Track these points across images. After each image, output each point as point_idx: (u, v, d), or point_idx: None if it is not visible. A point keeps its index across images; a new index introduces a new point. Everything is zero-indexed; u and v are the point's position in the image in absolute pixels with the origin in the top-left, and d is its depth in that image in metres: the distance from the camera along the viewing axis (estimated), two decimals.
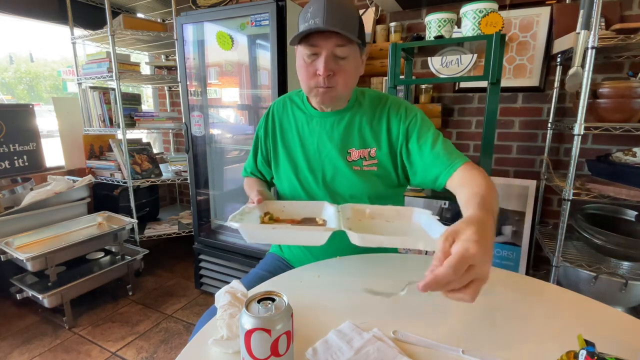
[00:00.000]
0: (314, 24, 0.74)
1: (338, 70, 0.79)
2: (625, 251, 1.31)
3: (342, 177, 0.90)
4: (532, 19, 1.62)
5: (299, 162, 0.93)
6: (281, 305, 0.44)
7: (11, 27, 2.23)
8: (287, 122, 0.96)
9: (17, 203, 1.77)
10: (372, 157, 0.90)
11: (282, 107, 0.98)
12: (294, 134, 0.94)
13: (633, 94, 1.25)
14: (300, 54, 0.82)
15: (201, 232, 1.98)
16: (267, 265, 0.96)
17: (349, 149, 0.90)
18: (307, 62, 0.80)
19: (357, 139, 0.90)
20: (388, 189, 0.92)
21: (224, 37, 1.70)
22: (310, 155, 0.92)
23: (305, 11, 0.78)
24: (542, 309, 0.62)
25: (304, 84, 0.84)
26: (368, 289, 0.68)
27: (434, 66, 1.84)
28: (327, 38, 0.76)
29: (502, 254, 1.80)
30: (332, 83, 0.80)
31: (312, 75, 0.80)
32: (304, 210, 0.84)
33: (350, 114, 0.91)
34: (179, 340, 1.60)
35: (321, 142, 0.91)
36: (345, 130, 0.90)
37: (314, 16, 0.75)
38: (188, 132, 1.88)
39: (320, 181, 0.91)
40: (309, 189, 0.92)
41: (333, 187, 0.91)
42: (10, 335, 1.61)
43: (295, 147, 0.94)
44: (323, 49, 0.77)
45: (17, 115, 1.96)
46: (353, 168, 0.89)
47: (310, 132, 0.93)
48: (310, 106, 0.93)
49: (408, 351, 0.51)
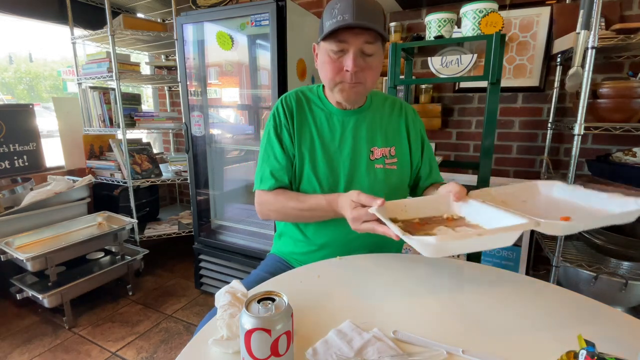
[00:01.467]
0: (342, 20, 0.74)
1: (366, 67, 0.80)
2: (625, 251, 1.31)
3: (364, 175, 0.90)
4: (532, 19, 1.62)
5: (318, 160, 0.90)
6: (281, 305, 0.44)
7: (11, 27, 2.23)
8: (304, 118, 0.92)
9: (17, 203, 1.77)
10: (393, 156, 0.92)
11: (297, 104, 0.93)
12: (313, 131, 0.91)
13: (633, 94, 1.25)
14: (324, 49, 0.81)
15: (201, 232, 1.98)
16: (268, 267, 0.95)
17: (372, 147, 0.91)
18: (333, 58, 0.80)
19: (380, 137, 0.92)
20: (402, 189, 0.96)
21: (224, 37, 1.70)
22: (330, 153, 0.90)
23: (332, 7, 0.77)
24: (542, 309, 0.62)
25: (328, 80, 0.84)
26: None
27: (434, 66, 1.84)
28: (357, 35, 0.77)
29: (502, 254, 1.80)
30: (359, 79, 0.81)
31: (339, 71, 0.80)
32: (425, 207, 0.74)
33: (371, 112, 0.93)
34: (179, 340, 1.60)
35: (344, 140, 0.90)
36: (369, 128, 0.91)
37: (343, 12, 0.75)
38: (188, 132, 1.88)
39: (340, 179, 0.90)
40: (328, 187, 0.90)
41: (353, 185, 0.89)
42: (10, 335, 1.61)
43: (314, 144, 0.91)
44: (352, 45, 0.78)
45: (17, 115, 1.96)
46: (375, 166, 0.90)
47: (330, 130, 0.91)
48: (329, 103, 0.92)
49: (408, 351, 0.51)
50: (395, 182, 0.92)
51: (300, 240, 0.95)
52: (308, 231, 0.93)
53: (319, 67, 0.86)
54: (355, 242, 0.89)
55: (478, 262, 1.31)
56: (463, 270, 0.77)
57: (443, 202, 0.74)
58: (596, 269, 1.36)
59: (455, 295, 0.67)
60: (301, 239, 0.95)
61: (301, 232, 0.94)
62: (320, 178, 0.90)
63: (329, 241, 0.91)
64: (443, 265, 0.79)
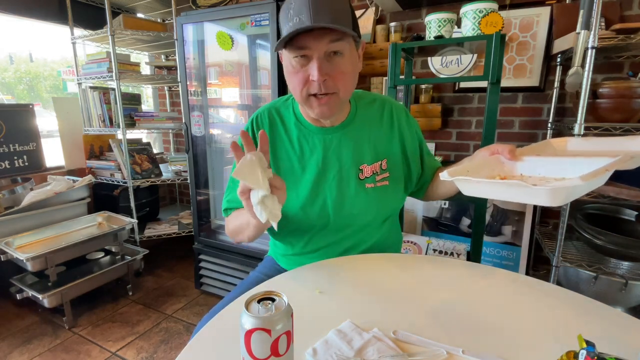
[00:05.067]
0: (299, 21, 0.63)
1: (336, 72, 0.68)
2: (625, 251, 1.31)
3: (353, 198, 0.80)
4: (532, 19, 1.62)
5: (300, 186, 0.80)
6: (281, 305, 0.44)
7: (11, 27, 2.23)
8: (280, 141, 0.81)
9: (17, 203, 1.77)
10: (384, 170, 0.82)
11: (270, 125, 0.83)
12: (291, 155, 0.81)
13: (633, 94, 1.25)
14: (287, 58, 0.70)
15: (201, 232, 1.98)
16: (265, 269, 0.93)
17: (360, 166, 0.80)
18: (296, 68, 0.69)
19: (368, 152, 0.81)
20: (397, 204, 0.88)
21: (224, 37, 1.70)
22: (313, 178, 0.79)
23: (287, 8, 0.66)
24: (542, 309, 0.62)
25: (297, 94, 0.72)
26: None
27: (434, 66, 1.84)
28: (318, 37, 0.65)
29: (502, 254, 1.80)
30: (330, 89, 0.69)
31: (305, 81, 0.69)
32: (478, 174, 0.61)
33: (356, 124, 0.82)
34: (179, 340, 1.60)
35: (327, 161, 0.80)
36: (355, 145, 0.81)
37: (299, 13, 0.63)
38: (188, 132, 1.88)
39: (328, 205, 0.80)
40: (314, 215, 0.80)
41: (342, 211, 0.80)
42: (10, 335, 1.61)
43: (294, 169, 0.80)
44: (314, 50, 0.66)
45: (17, 115, 1.96)
46: (366, 186, 0.80)
47: (310, 151, 0.80)
48: (306, 120, 0.81)
49: (408, 351, 0.51)
50: (389, 198, 0.83)
51: (291, 258, 0.89)
52: (295, 250, 0.87)
53: (286, 78, 0.74)
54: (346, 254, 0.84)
55: (478, 262, 1.32)
56: (463, 270, 0.77)
57: (494, 165, 0.66)
58: (596, 269, 1.36)
59: (455, 295, 0.67)
60: (292, 256, 0.89)
61: (290, 251, 0.88)
62: (305, 206, 0.79)
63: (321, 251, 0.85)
64: (443, 265, 0.79)
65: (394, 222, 0.92)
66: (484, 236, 1.39)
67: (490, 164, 0.67)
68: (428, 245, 1.64)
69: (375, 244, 0.86)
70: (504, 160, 0.66)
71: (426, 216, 1.94)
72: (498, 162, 0.67)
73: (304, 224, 0.81)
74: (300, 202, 0.79)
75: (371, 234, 0.85)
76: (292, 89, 0.73)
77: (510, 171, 0.65)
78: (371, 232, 0.84)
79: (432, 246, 1.63)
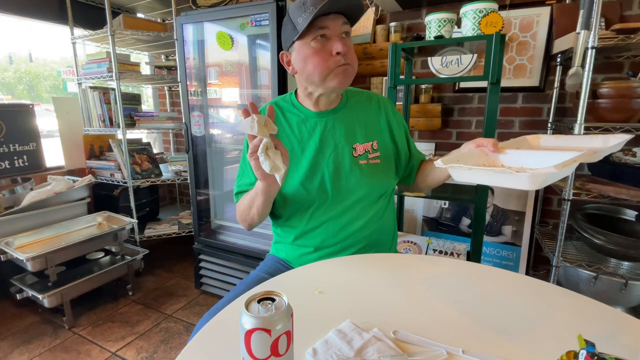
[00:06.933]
0: (322, 7, 0.75)
1: (348, 48, 0.82)
2: (625, 251, 1.31)
3: (349, 173, 0.89)
4: (532, 19, 1.62)
5: (300, 165, 0.89)
6: (281, 305, 0.44)
7: (11, 27, 2.23)
8: (280, 128, 0.92)
9: (17, 203, 1.77)
10: (375, 150, 0.92)
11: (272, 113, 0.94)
12: (291, 138, 0.91)
13: (633, 94, 1.25)
14: (304, 45, 0.81)
15: (201, 232, 1.98)
16: (267, 267, 0.95)
17: (354, 144, 0.91)
18: (317, 48, 0.81)
19: (360, 133, 0.92)
20: (389, 181, 0.95)
21: (224, 37, 1.70)
22: (311, 156, 0.89)
23: (301, 2, 0.79)
24: (542, 309, 0.62)
25: (319, 70, 0.82)
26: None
27: (434, 66, 1.84)
28: (334, 19, 0.79)
29: (502, 253, 1.80)
30: (348, 60, 0.82)
31: (328, 56, 0.81)
32: (466, 163, 0.72)
33: (347, 109, 0.93)
34: (179, 340, 1.60)
35: (324, 141, 0.90)
36: (349, 125, 0.91)
37: (315, 4, 0.76)
38: (188, 132, 1.88)
39: (326, 181, 0.88)
40: (313, 190, 0.89)
41: (339, 185, 0.89)
42: (10, 335, 1.61)
43: (294, 151, 0.90)
44: (333, 29, 0.80)
45: (17, 115, 1.96)
46: (359, 162, 0.90)
47: (309, 133, 0.91)
48: (304, 107, 0.92)
49: (408, 351, 0.51)
50: (381, 175, 0.92)
51: (294, 244, 0.94)
52: (297, 231, 0.93)
53: (302, 65, 0.84)
54: (346, 241, 0.90)
55: (478, 262, 1.32)
56: (463, 270, 0.77)
57: (479, 156, 0.76)
58: (596, 269, 1.36)
59: (455, 295, 0.67)
60: (294, 242, 0.94)
61: (292, 234, 0.94)
62: (305, 181, 0.88)
63: (322, 241, 0.91)
64: (443, 265, 0.79)
65: (389, 203, 0.99)
66: (484, 236, 1.39)
67: (476, 155, 0.76)
68: (428, 245, 1.64)
69: (372, 219, 0.92)
70: (488, 152, 0.76)
71: (426, 216, 1.94)
72: (483, 153, 0.77)
73: (305, 201, 0.89)
74: (300, 178, 0.88)
75: (367, 209, 0.92)
76: (312, 69, 0.82)
77: (494, 162, 0.75)
78: (367, 207, 0.92)
79: (432, 246, 1.63)
